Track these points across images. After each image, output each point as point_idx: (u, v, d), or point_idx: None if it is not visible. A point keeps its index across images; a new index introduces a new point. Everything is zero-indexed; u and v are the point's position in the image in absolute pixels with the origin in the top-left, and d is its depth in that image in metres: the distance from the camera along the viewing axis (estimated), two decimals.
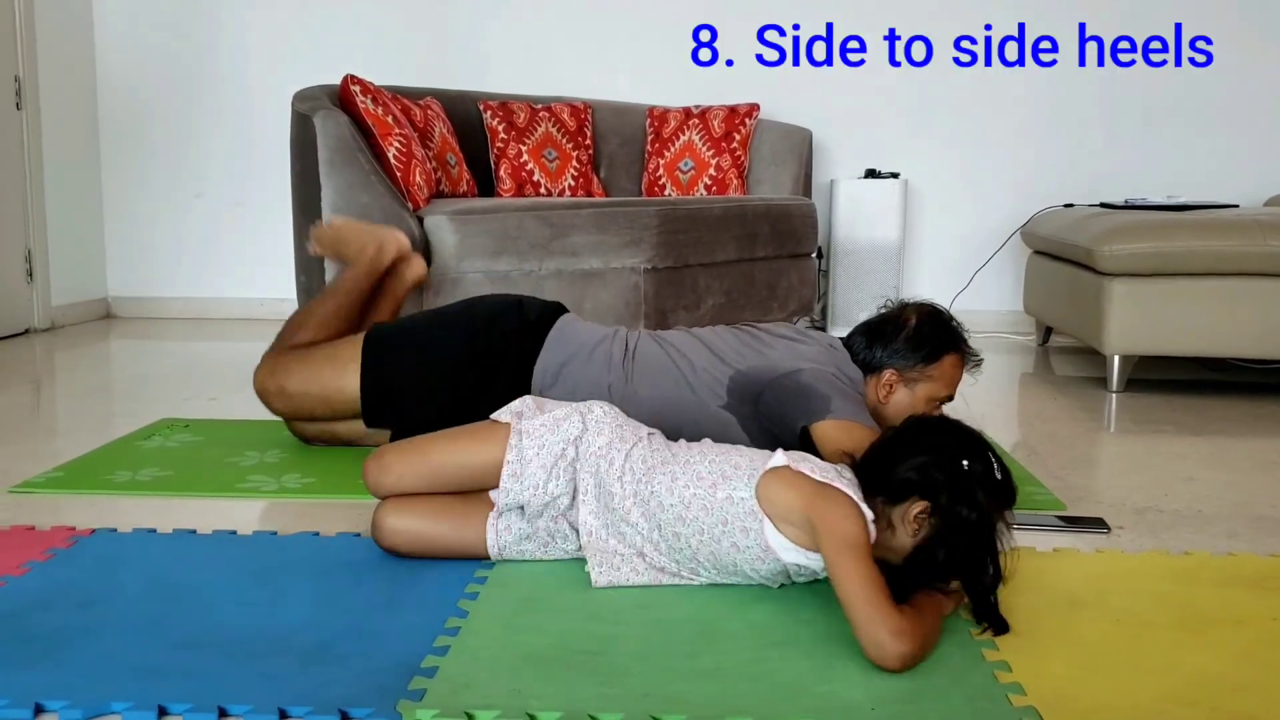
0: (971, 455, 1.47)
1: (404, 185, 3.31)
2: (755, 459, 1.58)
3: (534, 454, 1.65)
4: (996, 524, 1.46)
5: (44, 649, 1.39)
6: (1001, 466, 1.49)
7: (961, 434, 1.53)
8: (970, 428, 1.56)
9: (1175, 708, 1.28)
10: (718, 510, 1.54)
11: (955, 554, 1.44)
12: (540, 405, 1.75)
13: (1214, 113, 4.54)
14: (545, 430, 1.67)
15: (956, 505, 1.44)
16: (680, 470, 1.59)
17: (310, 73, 4.12)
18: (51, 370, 3.67)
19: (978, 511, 1.43)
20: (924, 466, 1.47)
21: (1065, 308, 3.66)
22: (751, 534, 1.53)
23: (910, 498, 1.47)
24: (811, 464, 1.53)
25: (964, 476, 1.45)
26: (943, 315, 2.19)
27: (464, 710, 1.24)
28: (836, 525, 1.43)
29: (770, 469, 1.54)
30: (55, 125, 4.45)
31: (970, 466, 1.46)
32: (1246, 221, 3.20)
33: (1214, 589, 1.67)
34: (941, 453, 1.48)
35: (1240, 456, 2.56)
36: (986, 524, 1.44)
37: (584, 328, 2.33)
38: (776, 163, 4.18)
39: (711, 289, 3.57)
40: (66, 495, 2.12)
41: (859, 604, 1.36)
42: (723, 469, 1.57)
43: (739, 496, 1.53)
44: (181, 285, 4.86)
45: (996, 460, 1.49)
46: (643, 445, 1.66)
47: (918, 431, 1.57)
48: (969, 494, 1.44)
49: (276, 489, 2.15)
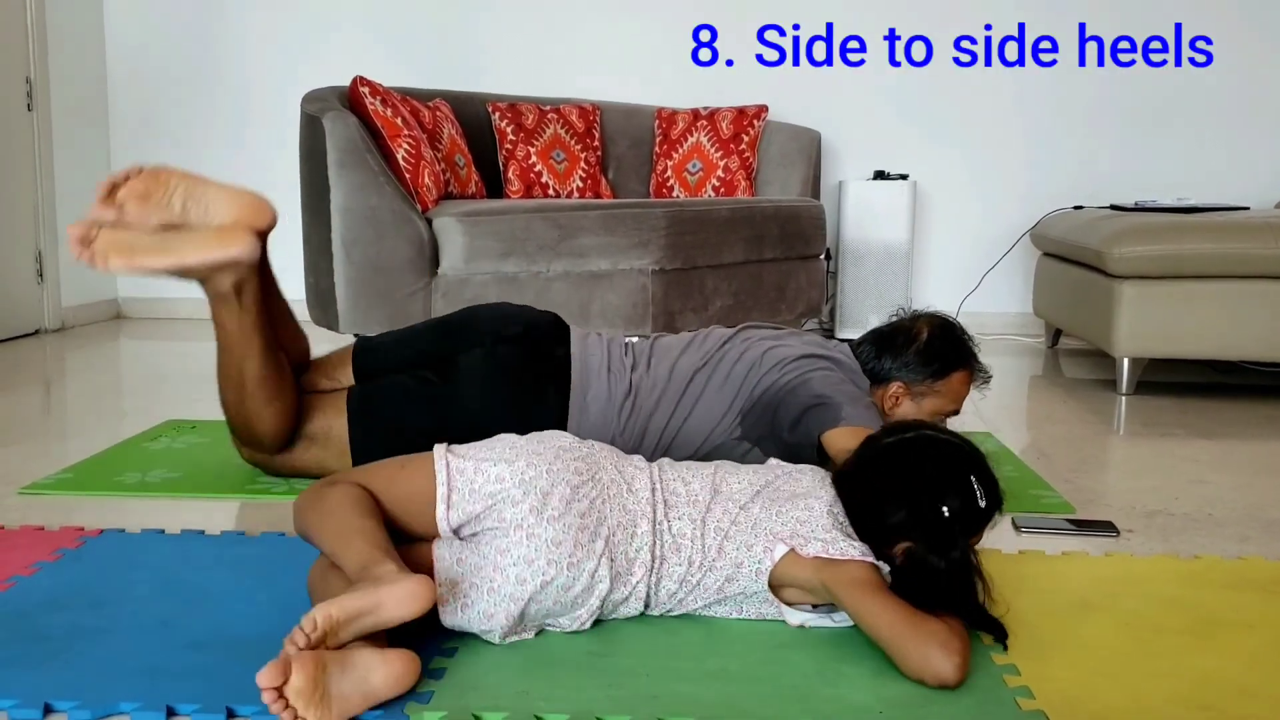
0: (951, 491, 1.44)
1: (413, 187, 3.32)
2: (754, 547, 1.47)
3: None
4: (970, 561, 1.42)
5: (53, 649, 1.40)
6: (987, 483, 1.46)
7: (942, 460, 1.49)
8: (952, 441, 1.52)
9: (1185, 712, 1.28)
10: (731, 603, 1.51)
11: (927, 595, 1.40)
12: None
13: (1222, 114, 4.53)
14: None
15: (929, 555, 1.41)
16: (684, 593, 1.50)
17: (319, 74, 4.13)
18: (61, 371, 3.68)
19: (947, 562, 1.41)
20: (904, 515, 1.44)
21: (1075, 310, 3.65)
22: (769, 615, 1.52)
23: (895, 542, 1.44)
24: (819, 541, 1.46)
25: (941, 525, 1.42)
26: (955, 329, 2.16)
27: (471, 712, 1.24)
28: (847, 574, 1.41)
29: (780, 560, 1.47)
30: (66, 127, 4.46)
31: (950, 509, 1.43)
32: (1257, 224, 3.19)
33: (1224, 593, 1.67)
34: (921, 492, 1.44)
35: (1251, 459, 2.55)
36: (956, 569, 1.41)
37: (591, 343, 2.19)
38: (785, 164, 4.18)
39: (719, 291, 3.57)
40: (75, 496, 2.12)
41: (901, 629, 1.34)
42: (727, 573, 1.48)
43: (750, 591, 1.49)
44: (190, 287, 4.85)
45: (980, 480, 1.46)
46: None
47: (897, 460, 1.51)
48: (945, 545, 1.41)
49: (285, 490, 2.15)
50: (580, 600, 1.43)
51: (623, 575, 1.45)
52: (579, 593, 1.42)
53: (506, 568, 1.39)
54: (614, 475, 1.51)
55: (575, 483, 1.44)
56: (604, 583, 1.43)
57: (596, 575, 1.43)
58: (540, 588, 1.39)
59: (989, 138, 4.62)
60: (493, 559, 1.40)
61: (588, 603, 1.44)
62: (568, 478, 1.44)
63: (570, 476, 1.45)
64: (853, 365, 2.14)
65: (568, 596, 1.42)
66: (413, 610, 1.26)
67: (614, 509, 1.46)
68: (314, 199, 3.38)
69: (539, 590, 1.39)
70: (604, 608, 1.47)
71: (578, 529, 1.41)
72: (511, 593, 1.39)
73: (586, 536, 1.42)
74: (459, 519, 1.44)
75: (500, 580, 1.39)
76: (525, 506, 1.41)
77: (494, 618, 1.40)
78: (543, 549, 1.39)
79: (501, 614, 1.39)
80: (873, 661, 1.37)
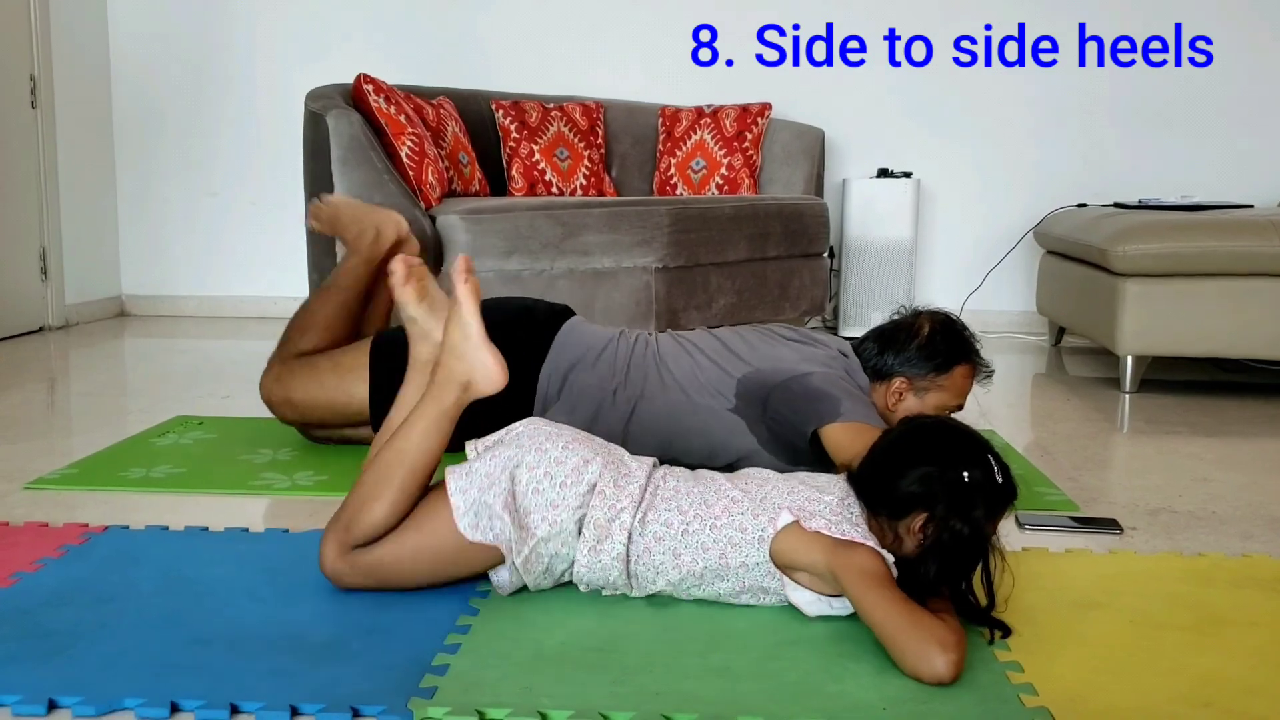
0: (972, 463, 1.45)
1: (416, 184, 3.32)
2: (759, 516, 1.51)
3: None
4: (989, 535, 1.44)
5: (57, 645, 1.40)
6: (1002, 467, 1.47)
7: (961, 438, 1.50)
8: (967, 428, 1.54)
9: (1188, 709, 1.28)
10: (733, 576, 1.52)
11: (945, 566, 1.42)
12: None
13: (1225, 113, 4.52)
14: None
15: (951, 518, 1.42)
16: (683, 548, 1.52)
17: (323, 72, 4.14)
18: (66, 368, 3.69)
19: (970, 526, 1.41)
20: (925, 478, 1.45)
21: (1078, 308, 3.65)
22: (771, 593, 1.53)
23: (913, 511, 1.45)
24: (822, 519, 1.47)
25: (964, 488, 1.43)
26: (956, 325, 2.18)
27: (475, 708, 1.24)
28: (855, 563, 1.42)
29: (782, 529, 1.48)
30: (70, 124, 4.47)
31: (971, 477, 1.44)
32: (1261, 222, 3.18)
33: (1228, 590, 1.66)
34: (943, 462, 1.45)
35: (1255, 457, 2.55)
36: (979, 536, 1.42)
37: (590, 331, 2.31)
38: (788, 162, 4.18)
39: (723, 288, 3.57)
40: (80, 492, 2.13)
41: (901, 625, 1.34)
42: (729, 535, 1.50)
43: (753, 562, 1.50)
44: (195, 283, 4.88)
45: (996, 462, 1.47)
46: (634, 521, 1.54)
47: (916, 438, 1.53)
48: (967, 507, 1.42)
49: (289, 486, 2.16)
50: (577, 498, 1.51)
51: (609, 496, 1.52)
52: (580, 490, 1.51)
53: (516, 456, 1.54)
54: (619, 454, 1.60)
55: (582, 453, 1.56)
56: (594, 472, 1.53)
57: (589, 468, 1.53)
58: (544, 474, 1.51)
59: (993, 136, 4.61)
60: (503, 457, 1.54)
61: (586, 500, 1.51)
62: (574, 447, 1.56)
63: (578, 448, 1.56)
64: (854, 363, 2.16)
65: (563, 495, 1.51)
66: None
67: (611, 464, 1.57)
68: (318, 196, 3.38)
69: (542, 475, 1.51)
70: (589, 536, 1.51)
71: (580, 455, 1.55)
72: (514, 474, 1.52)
73: (590, 452, 1.56)
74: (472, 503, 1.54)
75: (503, 465, 1.53)
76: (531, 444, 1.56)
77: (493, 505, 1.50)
78: (548, 447, 1.55)
79: (501, 502, 1.50)
80: (876, 658, 1.37)
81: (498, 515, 1.50)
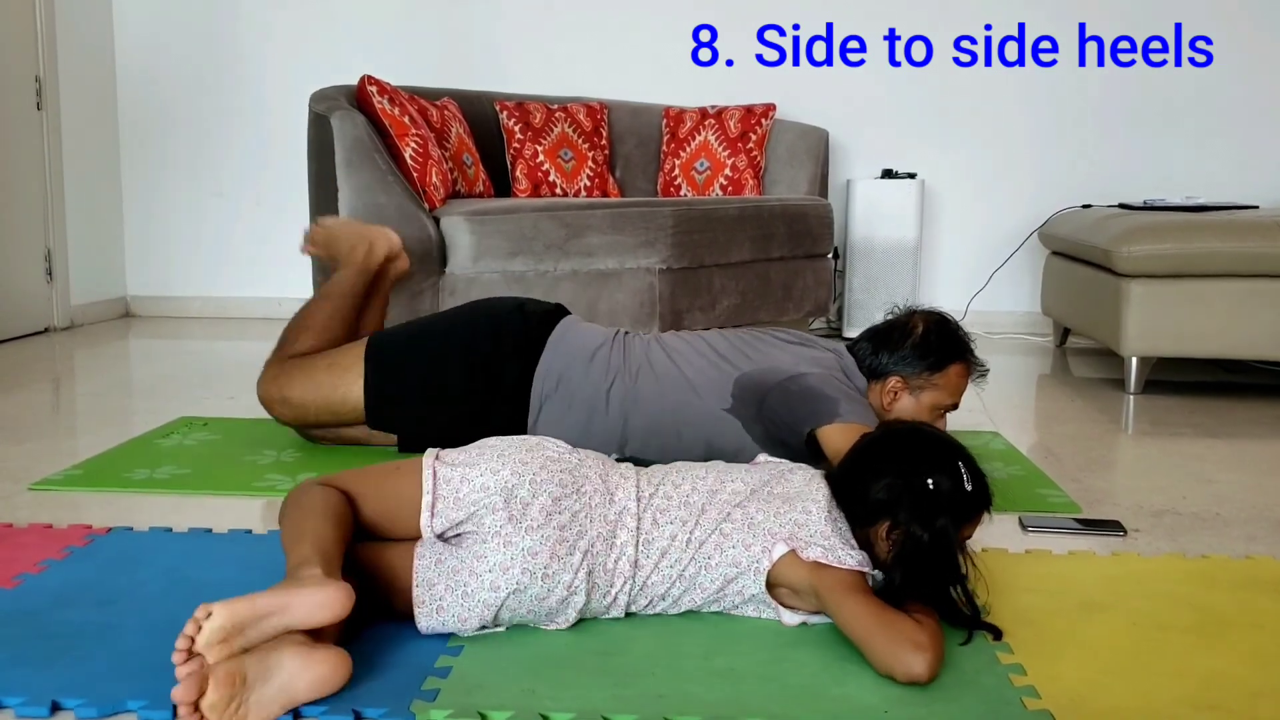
0: (939, 470, 1.45)
1: (420, 185, 3.32)
2: (752, 546, 1.47)
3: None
4: (956, 542, 1.43)
5: (60, 647, 1.40)
6: (975, 474, 1.47)
7: (930, 444, 1.50)
8: (941, 434, 1.54)
9: (1192, 712, 1.27)
10: (728, 600, 1.51)
11: (910, 573, 1.41)
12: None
13: (1227, 114, 4.51)
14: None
15: (913, 525, 1.42)
16: (682, 595, 1.50)
17: (328, 73, 4.14)
18: (71, 369, 3.70)
19: (930, 532, 1.41)
20: (891, 486, 1.45)
21: (1083, 309, 3.64)
22: (765, 615, 1.52)
23: (880, 519, 1.45)
24: (819, 547, 1.45)
25: (927, 496, 1.43)
26: (950, 324, 2.19)
27: (477, 711, 1.24)
28: (834, 577, 1.42)
29: (778, 560, 1.47)
30: (75, 125, 4.48)
31: (936, 484, 1.43)
32: (1267, 223, 3.18)
33: (1232, 592, 1.66)
34: (909, 469, 1.46)
35: (1259, 459, 2.54)
36: (942, 543, 1.41)
37: (585, 330, 2.32)
38: (793, 163, 4.17)
39: (727, 289, 3.57)
40: (84, 493, 2.13)
41: (875, 629, 1.35)
42: (724, 572, 1.48)
43: (749, 593, 1.50)
44: (200, 284, 4.89)
45: (968, 470, 1.46)
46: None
47: (886, 445, 1.53)
48: (930, 514, 1.42)
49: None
50: (556, 610, 1.44)
51: (601, 587, 1.46)
52: (554, 604, 1.43)
53: (482, 573, 1.41)
54: (598, 485, 1.50)
55: (558, 494, 1.45)
56: (580, 595, 1.44)
57: (572, 587, 1.43)
58: (512, 594, 1.40)
59: (997, 137, 4.61)
60: (469, 564, 1.41)
61: (564, 612, 1.45)
62: (551, 489, 1.45)
63: (553, 489, 1.45)
64: (850, 364, 2.17)
65: (542, 606, 1.43)
66: (321, 618, 1.25)
67: (595, 520, 1.47)
68: (322, 197, 3.38)
69: (511, 596, 1.41)
70: (586, 614, 1.48)
71: (555, 541, 1.42)
72: (485, 599, 1.40)
73: (564, 549, 1.43)
74: (442, 525, 1.46)
75: (475, 585, 1.41)
76: (504, 515, 1.42)
77: (467, 621, 1.42)
78: (518, 557, 1.40)
79: (475, 618, 1.41)
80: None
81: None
